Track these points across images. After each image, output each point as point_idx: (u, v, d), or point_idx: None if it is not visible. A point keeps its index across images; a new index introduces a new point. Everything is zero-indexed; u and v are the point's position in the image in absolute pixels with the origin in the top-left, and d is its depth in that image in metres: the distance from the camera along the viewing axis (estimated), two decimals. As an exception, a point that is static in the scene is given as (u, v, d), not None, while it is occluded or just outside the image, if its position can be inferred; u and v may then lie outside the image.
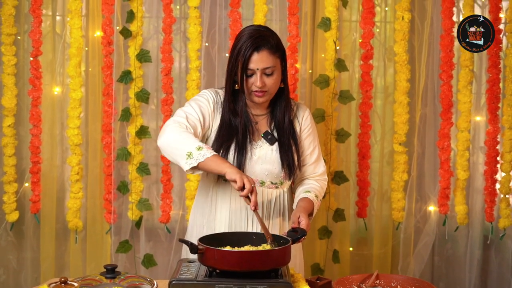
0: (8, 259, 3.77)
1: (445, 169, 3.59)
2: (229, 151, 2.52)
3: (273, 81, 2.48)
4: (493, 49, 3.52)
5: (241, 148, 2.52)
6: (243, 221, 2.56)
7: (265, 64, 2.45)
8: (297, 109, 2.67)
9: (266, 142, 2.57)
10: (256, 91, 2.48)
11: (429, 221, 3.70)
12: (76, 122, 3.51)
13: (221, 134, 2.54)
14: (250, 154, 2.54)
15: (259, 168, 2.55)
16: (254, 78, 2.46)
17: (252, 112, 2.60)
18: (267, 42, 2.46)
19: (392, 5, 3.63)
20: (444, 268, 3.83)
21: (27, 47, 3.64)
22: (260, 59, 2.45)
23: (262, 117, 2.61)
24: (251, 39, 2.45)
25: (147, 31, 3.61)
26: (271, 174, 2.56)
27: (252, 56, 2.44)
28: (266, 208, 2.58)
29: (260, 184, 2.56)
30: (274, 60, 2.47)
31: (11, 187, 3.59)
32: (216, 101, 2.57)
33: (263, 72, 2.46)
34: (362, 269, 3.71)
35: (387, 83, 3.70)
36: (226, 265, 2.09)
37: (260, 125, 2.60)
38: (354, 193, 3.67)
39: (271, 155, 2.56)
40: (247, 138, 2.54)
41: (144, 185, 3.59)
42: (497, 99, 3.58)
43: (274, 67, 2.47)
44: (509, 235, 3.72)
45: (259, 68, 2.45)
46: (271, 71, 2.47)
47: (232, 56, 2.49)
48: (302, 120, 2.65)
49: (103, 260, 3.61)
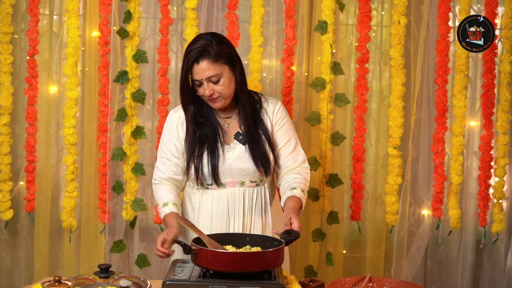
0: (2, 257, 3.76)
1: (439, 173, 3.60)
2: (202, 158, 2.57)
3: (222, 86, 2.52)
4: (488, 54, 3.54)
5: (212, 152, 2.57)
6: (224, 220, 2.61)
7: (208, 73, 2.50)
8: (267, 104, 2.69)
9: (238, 142, 2.61)
10: (208, 98, 2.54)
11: (423, 225, 3.71)
12: (72, 122, 3.51)
13: (190, 145, 2.61)
14: (223, 157, 2.58)
15: (235, 169, 2.59)
16: (203, 87, 2.52)
17: (221, 115, 2.65)
18: (207, 52, 2.49)
19: (388, 10, 3.65)
20: (437, 271, 3.84)
21: (23, 46, 3.65)
22: (201, 70, 2.50)
23: (232, 119, 2.65)
24: (192, 51, 2.50)
25: (144, 31, 3.61)
26: (248, 174, 2.60)
27: (193, 68, 2.50)
28: (248, 207, 2.63)
29: (240, 184, 2.61)
30: (217, 68, 2.50)
31: (6, 185, 3.59)
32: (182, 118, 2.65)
33: (209, 81, 2.50)
34: (355, 272, 3.72)
35: (383, 87, 3.72)
36: (219, 266, 2.10)
37: (232, 127, 2.64)
38: (348, 196, 3.68)
39: (245, 155, 2.59)
40: (218, 142, 2.59)
41: (139, 185, 3.59)
42: (491, 104, 3.59)
43: (219, 74, 2.51)
44: (501, 240, 3.74)
45: (203, 78, 2.50)
46: (217, 79, 2.51)
47: (182, 70, 2.56)
48: (273, 115, 2.68)
49: (97, 260, 3.61)
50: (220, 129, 2.62)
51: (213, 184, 2.61)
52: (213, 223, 2.62)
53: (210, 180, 2.59)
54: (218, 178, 2.58)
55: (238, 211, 2.61)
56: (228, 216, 2.61)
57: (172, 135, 2.66)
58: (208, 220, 2.63)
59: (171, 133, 2.66)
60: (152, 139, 3.65)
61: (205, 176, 2.59)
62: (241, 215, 2.62)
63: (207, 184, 2.62)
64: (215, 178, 2.58)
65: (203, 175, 2.58)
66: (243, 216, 2.62)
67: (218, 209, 2.62)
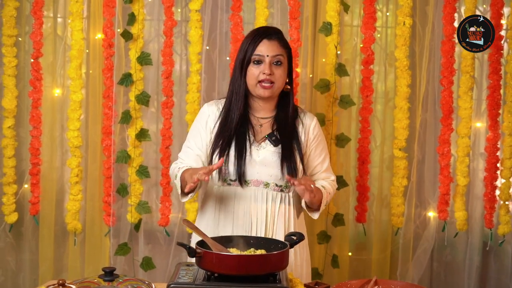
0: (7, 260, 3.77)
1: (445, 175, 3.58)
2: (229, 154, 2.52)
3: (281, 73, 2.49)
4: (494, 55, 3.53)
5: (240, 150, 2.52)
6: (247, 222, 2.55)
7: (276, 51, 2.47)
8: (304, 117, 2.65)
9: (270, 143, 2.56)
10: (263, 80, 2.48)
11: (428, 227, 3.70)
12: (76, 124, 3.51)
13: (219, 137, 2.56)
14: (251, 156, 2.53)
15: (262, 170, 2.54)
16: (263, 66, 2.46)
17: (256, 115, 2.60)
18: (278, 34, 2.52)
19: (393, 10, 3.64)
20: (443, 274, 3.82)
21: (28, 48, 3.65)
22: (270, 46, 2.47)
23: (266, 120, 2.60)
24: (262, 29, 2.52)
25: (148, 33, 3.61)
26: (274, 176, 2.55)
27: (262, 42, 2.47)
28: (270, 212, 2.56)
29: (264, 185, 2.56)
30: (283, 51, 2.50)
31: (11, 188, 3.59)
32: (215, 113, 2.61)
33: (272, 61, 2.47)
34: (361, 274, 3.71)
35: (388, 88, 3.71)
36: (224, 269, 2.09)
37: (264, 128, 2.60)
38: (353, 198, 3.67)
39: (274, 157, 2.54)
40: (247, 140, 2.54)
41: (143, 188, 3.59)
42: (497, 105, 3.58)
43: (283, 56, 2.49)
44: (508, 242, 3.72)
45: (269, 54, 2.46)
46: (280, 61, 2.48)
47: (241, 47, 2.51)
48: (310, 129, 2.64)
49: (102, 263, 3.61)
50: (252, 128, 2.57)
51: (236, 181, 2.54)
52: (234, 221, 2.55)
53: (234, 176, 2.53)
54: (243, 176, 2.53)
55: (261, 212, 2.55)
56: (250, 218, 2.54)
57: (200, 127, 2.62)
58: (230, 216, 2.56)
59: (200, 124, 2.62)
60: (157, 141, 3.64)
61: (229, 172, 2.53)
62: (263, 217, 2.55)
63: (230, 180, 2.55)
64: (240, 176, 2.52)
65: (228, 171, 2.53)
66: (266, 220, 2.55)
67: (240, 205, 2.55)
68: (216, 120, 2.60)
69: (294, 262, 2.60)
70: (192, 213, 3.53)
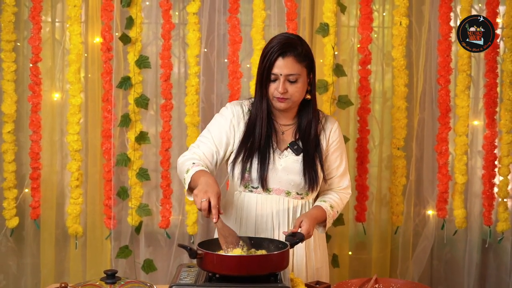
0: (8, 265, 3.78)
1: (443, 173, 3.60)
2: (252, 160, 2.51)
3: (296, 89, 2.46)
4: (491, 54, 3.54)
5: (263, 156, 2.51)
6: (269, 229, 2.54)
7: (289, 70, 2.43)
8: (325, 122, 2.63)
9: (292, 152, 2.54)
10: (278, 97, 2.47)
11: (428, 225, 3.71)
12: (76, 128, 3.52)
13: (244, 143, 2.53)
14: (273, 164, 2.52)
15: (284, 178, 2.53)
16: (277, 83, 2.45)
17: (279, 121, 2.58)
18: (294, 49, 2.44)
19: (389, 11, 3.65)
20: (443, 271, 3.84)
21: (26, 53, 3.66)
22: (284, 65, 2.43)
23: (288, 127, 2.59)
24: (278, 44, 2.44)
25: (146, 37, 3.63)
26: (296, 185, 2.54)
27: (277, 61, 2.43)
28: (292, 218, 2.56)
29: (286, 194, 2.55)
30: (299, 68, 2.44)
31: (11, 193, 3.60)
32: (239, 114, 2.57)
33: (286, 79, 2.44)
34: (361, 273, 3.72)
35: (385, 88, 3.72)
36: (226, 270, 2.10)
37: (286, 135, 2.58)
38: (353, 198, 3.68)
39: (296, 166, 2.53)
40: (270, 147, 2.52)
41: (143, 190, 3.60)
42: (494, 103, 3.59)
43: (298, 75, 2.44)
44: (507, 239, 3.73)
45: (283, 73, 2.43)
46: (295, 79, 2.44)
47: (260, 60, 2.48)
48: (330, 133, 2.62)
49: (103, 266, 3.62)
50: (275, 135, 2.56)
51: (259, 188, 2.52)
52: (257, 226, 2.54)
53: (257, 183, 2.52)
54: (266, 183, 2.51)
55: (283, 221, 2.55)
56: (272, 224, 2.54)
57: (223, 122, 2.56)
58: (252, 222, 2.55)
59: (224, 120, 2.57)
60: (156, 144, 3.65)
61: (252, 179, 2.51)
62: (285, 225, 2.54)
63: (252, 187, 2.54)
64: (263, 183, 2.51)
65: (251, 177, 2.51)
66: (287, 228, 2.54)
67: (262, 213, 2.54)
68: (239, 120, 2.56)
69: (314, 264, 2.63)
70: (192, 215, 3.54)
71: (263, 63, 2.45)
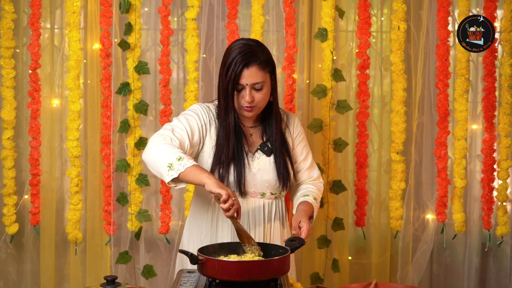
0: (8, 271, 3.77)
1: (443, 177, 3.60)
2: (230, 165, 2.52)
3: (262, 95, 2.49)
4: (489, 57, 3.55)
5: (239, 160, 2.53)
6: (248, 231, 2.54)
7: (255, 79, 2.45)
8: (287, 118, 2.69)
9: (263, 153, 2.59)
10: (245, 106, 2.49)
11: (427, 229, 3.71)
12: (75, 134, 3.52)
13: (218, 149, 2.53)
14: (249, 168, 2.55)
15: (259, 179, 2.57)
16: (244, 93, 2.47)
17: (246, 124, 2.62)
18: (257, 57, 2.46)
19: (388, 15, 3.66)
20: (443, 276, 3.84)
21: (26, 60, 3.66)
22: (249, 75, 2.45)
23: (255, 129, 2.63)
24: (240, 54, 2.44)
25: (145, 43, 3.63)
26: (270, 185, 2.59)
27: (242, 72, 2.44)
28: (267, 219, 2.61)
29: (261, 195, 2.59)
30: (263, 75, 2.47)
31: (11, 199, 3.60)
32: (208, 116, 2.57)
33: (252, 87, 2.47)
34: (361, 278, 3.72)
35: (384, 93, 3.73)
36: (226, 275, 2.10)
37: (255, 137, 2.62)
38: (352, 202, 3.68)
39: (269, 166, 2.58)
40: (243, 152, 2.55)
41: (143, 196, 3.60)
42: (493, 107, 3.60)
43: (263, 82, 2.47)
44: (506, 242, 3.74)
45: (249, 83, 2.45)
46: (261, 86, 2.48)
47: (223, 71, 2.49)
48: (293, 128, 2.68)
49: (103, 272, 3.61)
50: (244, 139, 2.58)
51: (236, 192, 2.54)
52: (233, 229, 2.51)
53: (235, 188, 2.53)
54: (243, 187, 2.53)
55: (259, 221, 2.59)
56: (249, 227, 2.56)
57: (199, 122, 2.53)
58: (228, 229, 2.57)
59: (199, 119, 2.54)
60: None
61: (229, 184, 2.52)
62: (261, 225, 2.59)
63: None
64: (240, 187, 2.53)
65: (228, 183, 2.52)
66: (263, 227, 2.59)
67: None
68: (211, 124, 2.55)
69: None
70: (192, 220, 3.54)
71: (227, 76, 2.45)
